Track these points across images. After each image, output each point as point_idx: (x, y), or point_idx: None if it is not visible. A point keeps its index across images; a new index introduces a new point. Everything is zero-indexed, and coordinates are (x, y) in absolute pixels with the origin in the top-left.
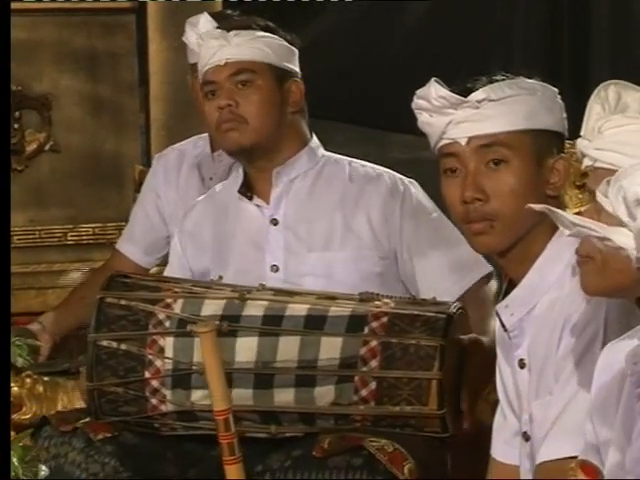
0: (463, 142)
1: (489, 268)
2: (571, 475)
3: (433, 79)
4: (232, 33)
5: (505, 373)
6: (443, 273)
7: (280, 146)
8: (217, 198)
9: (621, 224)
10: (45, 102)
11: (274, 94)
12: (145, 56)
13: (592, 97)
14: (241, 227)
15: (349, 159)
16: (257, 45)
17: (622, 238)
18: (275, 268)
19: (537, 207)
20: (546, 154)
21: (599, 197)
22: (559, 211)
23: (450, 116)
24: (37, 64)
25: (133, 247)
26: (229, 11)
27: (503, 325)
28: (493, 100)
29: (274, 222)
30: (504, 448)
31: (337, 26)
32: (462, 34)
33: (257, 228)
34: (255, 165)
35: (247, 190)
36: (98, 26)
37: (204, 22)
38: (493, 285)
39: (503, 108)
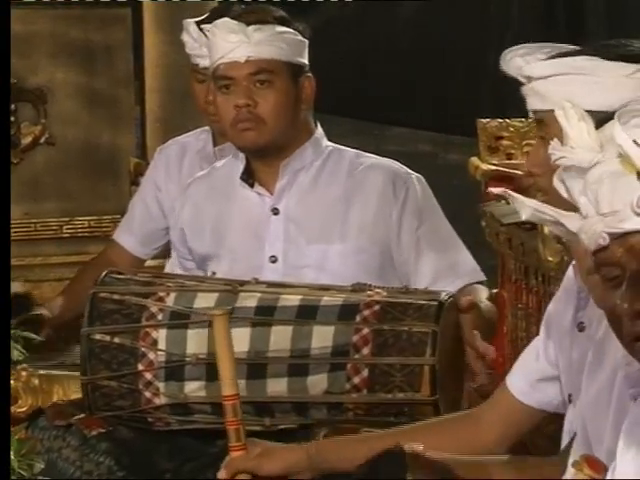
0: None
1: (481, 276)
2: (577, 469)
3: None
4: (252, 28)
5: (565, 325)
6: (439, 275)
7: (291, 141)
8: (218, 176)
9: (575, 209)
10: (40, 95)
11: (290, 93)
12: (141, 49)
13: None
14: (240, 213)
15: (356, 151)
16: (276, 43)
17: (575, 222)
18: (274, 259)
19: (496, 190)
20: None
21: (555, 182)
22: (516, 195)
23: None
24: (33, 57)
25: (130, 237)
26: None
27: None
28: None
29: (275, 212)
30: (521, 383)
31: (335, 20)
32: (458, 27)
33: (257, 216)
34: (263, 160)
35: (249, 177)
36: (94, 19)
37: (192, 30)
38: (484, 292)
39: None
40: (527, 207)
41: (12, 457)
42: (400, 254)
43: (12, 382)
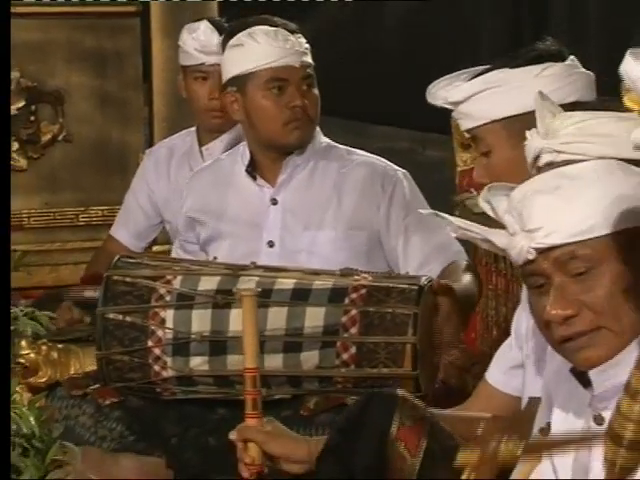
0: None
1: (465, 257)
2: (544, 435)
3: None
4: (296, 36)
5: (525, 311)
6: (426, 258)
7: None
8: (221, 167)
9: (501, 226)
10: (58, 97)
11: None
12: (148, 55)
13: (536, 104)
14: (241, 202)
15: (347, 148)
16: (309, 50)
17: (502, 239)
18: (271, 244)
19: (425, 212)
20: None
21: (481, 202)
22: (445, 215)
23: None
24: (51, 62)
25: (125, 233)
26: (223, 20)
27: None
28: None
29: (274, 202)
30: (498, 375)
31: (321, 24)
32: (437, 32)
33: (257, 206)
34: (274, 155)
35: (253, 170)
36: (106, 28)
37: (204, 29)
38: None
39: None
40: (454, 225)
41: (33, 422)
42: (389, 242)
43: (33, 355)
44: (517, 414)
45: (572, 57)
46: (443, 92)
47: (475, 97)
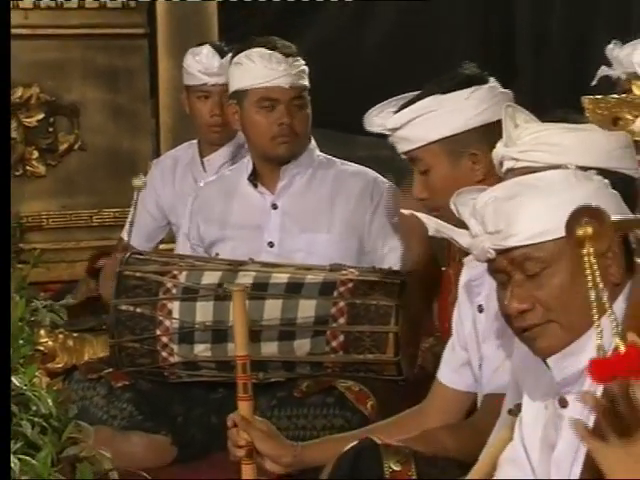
0: None
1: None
2: (513, 415)
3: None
4: (291, 60)
5: (466, 314)
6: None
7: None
8: (226, 180)
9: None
10: (74, 110)
11: (310, 113)
12: (155, 72)
13: (503, 116)
14: (244, 207)
15: (341, 160)
16: (304, 74)
17: (466, 240)
18: (271, 244)
19: (406, 212)
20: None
21: (452, 205)
22: (421, 215)
23: None
24: (67, 79)
25: (135, 236)
26: (223, 44)
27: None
28: None
29: (274, 207)
30: (449, 374)
31: (309, 37)
32: (418, 48)
33: (259, 211)
34: (271, 165)
35: (254, 179)
36: (117, 48)
37: (207, 52)
38: None
39: None
40: (431, 225)
41: (50, 404)
42: (369, 244)
43: (51, 343)
44: None
45: (492, 79)
46: (378, 119)
47: (411, 123)
